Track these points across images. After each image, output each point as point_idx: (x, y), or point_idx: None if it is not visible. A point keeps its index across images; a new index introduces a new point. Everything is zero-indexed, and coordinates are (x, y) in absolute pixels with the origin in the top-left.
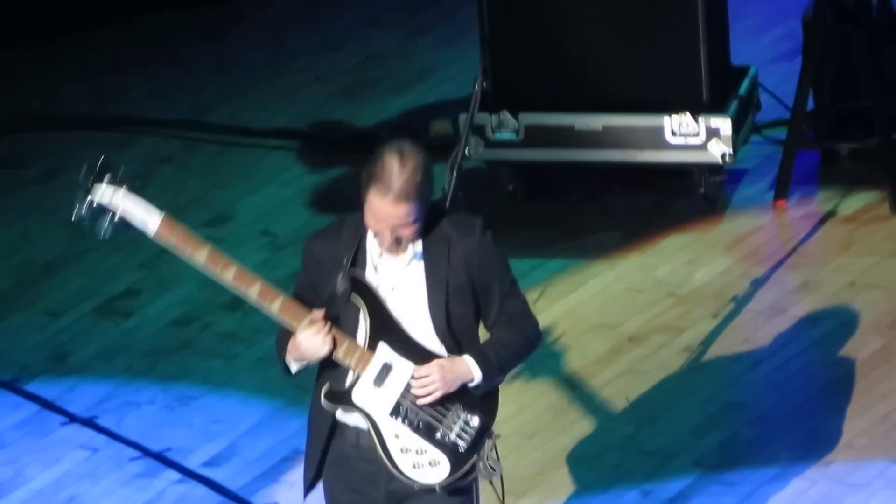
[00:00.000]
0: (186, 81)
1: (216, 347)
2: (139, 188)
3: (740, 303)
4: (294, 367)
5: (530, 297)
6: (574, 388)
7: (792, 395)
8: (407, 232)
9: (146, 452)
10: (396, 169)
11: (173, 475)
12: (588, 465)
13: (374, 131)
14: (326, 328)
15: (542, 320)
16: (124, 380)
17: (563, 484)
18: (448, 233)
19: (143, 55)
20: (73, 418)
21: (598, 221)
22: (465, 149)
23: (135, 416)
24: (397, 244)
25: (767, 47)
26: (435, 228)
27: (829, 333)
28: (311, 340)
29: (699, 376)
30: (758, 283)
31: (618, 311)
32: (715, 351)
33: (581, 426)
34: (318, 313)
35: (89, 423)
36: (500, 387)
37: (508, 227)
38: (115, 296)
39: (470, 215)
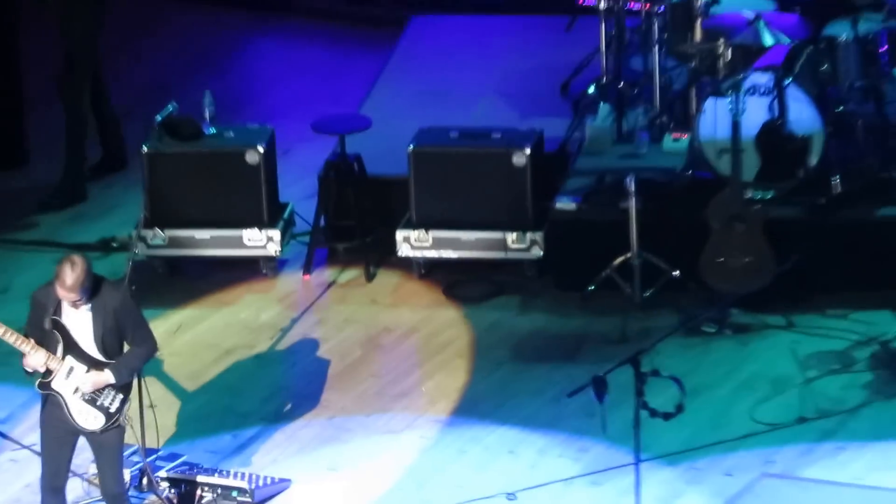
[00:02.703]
0: None
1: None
2: None
3: (284, 331)
4: (30, 370)
5: (172, 328)
6: (198, 380)
7: (316, 377)
8: (80, 303)
9: None
10: (69, 273)
11: None
12: (199, 425)
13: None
14: (42, 352)
15: (173, 344)
16: None
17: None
18: (105, 295)
19: None
20: None
21: (207, 287)
22: (135, 250)
23: None
24: (75, 305)
25: (300, 191)
26: (100, 292)
27: (337, 346)
28: (35, 359)
29: (268, 369)
30: (294, 321)
31: (219, 336)
32: (274, 358)
33: (197, 399)
34: (32, 345)
35: None
36: (157, 382)
37: (157, 293)
38: None
39: (119, 283)
